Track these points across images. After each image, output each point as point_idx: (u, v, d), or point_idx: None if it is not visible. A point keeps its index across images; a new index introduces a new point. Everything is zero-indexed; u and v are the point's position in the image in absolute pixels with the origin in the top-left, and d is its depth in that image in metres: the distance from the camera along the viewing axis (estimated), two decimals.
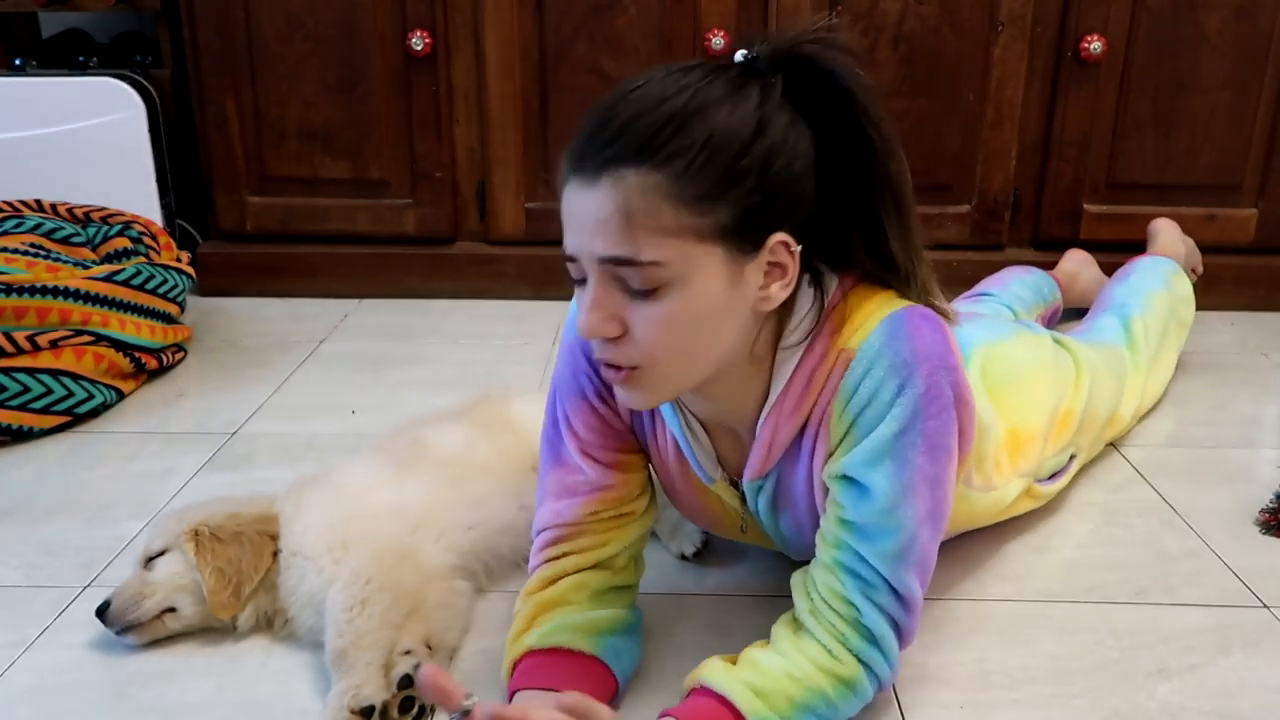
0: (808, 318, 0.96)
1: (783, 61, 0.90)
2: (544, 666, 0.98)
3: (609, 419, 1.06)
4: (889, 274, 0.97)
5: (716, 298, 0.89)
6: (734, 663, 0.96)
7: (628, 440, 1.08)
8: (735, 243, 0.88)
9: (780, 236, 0.89)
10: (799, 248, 0.91)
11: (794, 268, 0.91)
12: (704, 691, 0.93)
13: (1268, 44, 2.01)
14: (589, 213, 0.87)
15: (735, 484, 1.07)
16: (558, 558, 1.06)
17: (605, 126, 0.87)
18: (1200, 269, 1.97)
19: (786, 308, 0.95)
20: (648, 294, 0.88)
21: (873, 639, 0.95)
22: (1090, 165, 2.09)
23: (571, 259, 0.91)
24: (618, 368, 0.92)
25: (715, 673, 0.93)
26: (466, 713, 0.84)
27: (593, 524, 1.06)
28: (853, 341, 0.94)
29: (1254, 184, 2.10)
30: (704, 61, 0.91)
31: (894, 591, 0.95)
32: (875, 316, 0.95)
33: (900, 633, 0.96)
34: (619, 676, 1.01)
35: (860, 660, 0.95)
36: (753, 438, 1.01)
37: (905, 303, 0.96)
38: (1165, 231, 1.97)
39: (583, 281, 0.91)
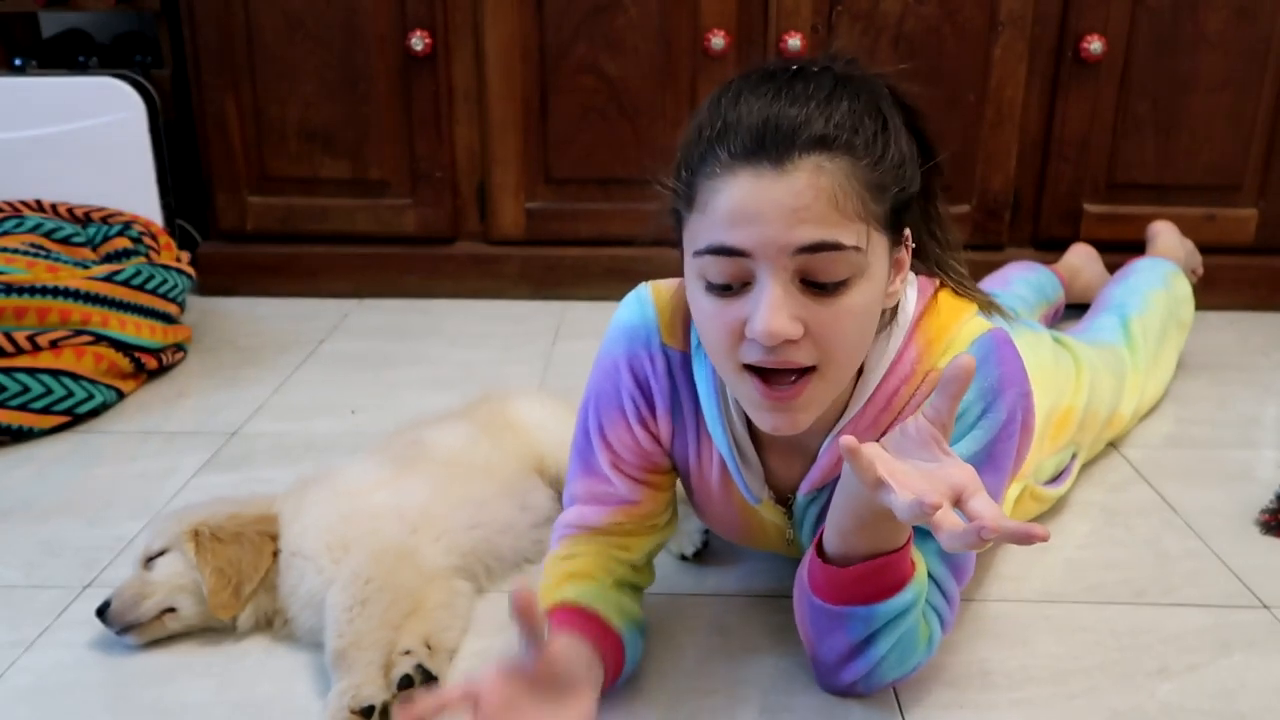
0: (903, 317, 0.97)
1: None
2: (576, 621, 0.98)
3: (645, 443, 1.05)
4: (954, 270, 1.00)
5: (881, 289, 0.89)
6: None
7: (661, 463, 1.08)
8: (892, 233, 0.89)
9: (907, 230, 0.92)
10: (913, 243, 0.94)
11: (908, 262, 0.93)
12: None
13: (1268, 44, 2.01)
14: (783, 200, 0.83)
15: (781, 500, 1.07)
16: (581, 539, 1.07)
17: (784, 114, 0.84)
18: (1200, 271, 1.97)
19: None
20: (833, 287, 0.85)
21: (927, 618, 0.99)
22: (1090, 165, 2.09)
23: (739, 254, 0.85)
24: (788, 379, 0.88)
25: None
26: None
27: (617, 530, 1.07)
28: (942, 363, 0.95)
29: (1254, 184, 2.10)
30: (821, 63, 0.90)
31: (940, 587, 0.99)
32: (964, 335, 0.96)
33: (943, 622, 1.00)
34: (626, 665, 1.02)
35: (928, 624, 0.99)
36: (817, 447, 1.01)
37: (988, 323, 0.98)
38: (1164, 234, 1.98)
39: (727, 288, 0.87)
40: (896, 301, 0.95)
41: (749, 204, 0.83)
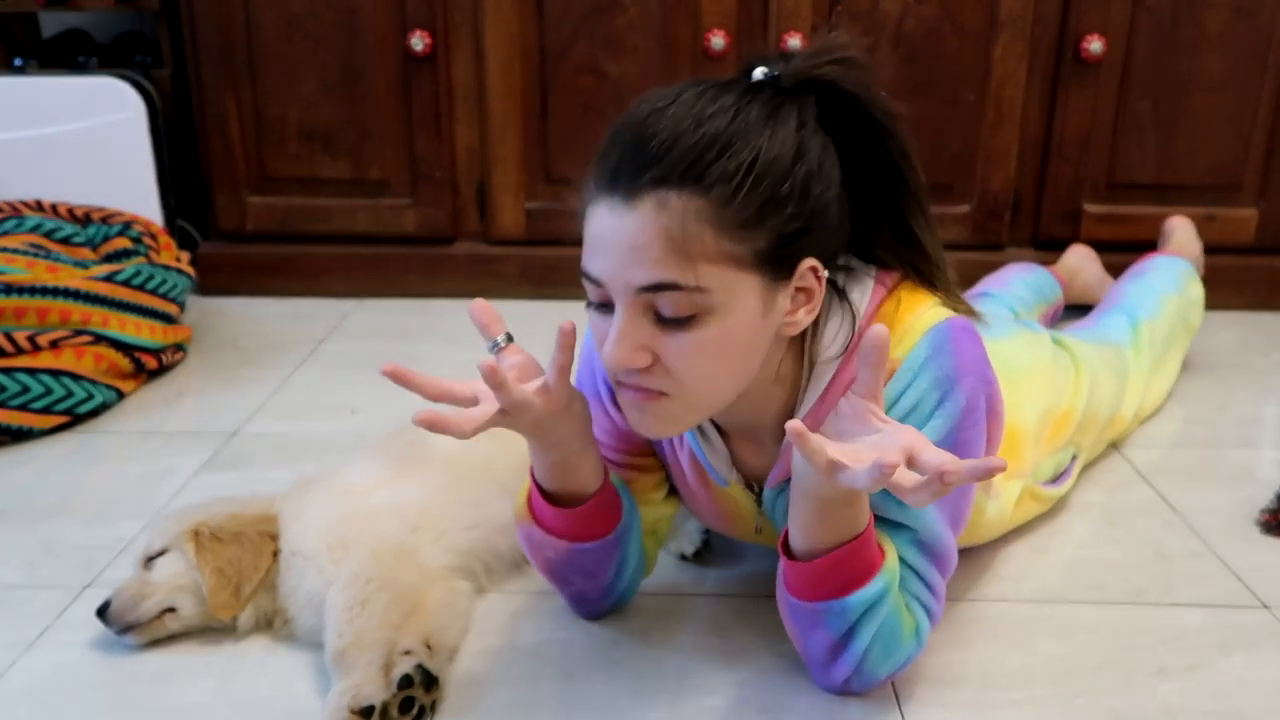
0: (842, 332, 0.96)
1: (808, 84, 0.90)
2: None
3: (620, 423, 1.07)
4: (928, 270, 0.98)
5: (749, 325, 0.88)
6: None
7: (642, 446, 1.10)
8: (770, 270, 0.87)
9: (810, 262, 0.90)
10: (825, 273, 0.91)
11: (820, 293, 0.92)
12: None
13: (1268, 44, 2.01)
14: (625, 236, 0.84)
15: (750, 486, 1.08)
16: None
17: (644, 145, 0.84)
18: (1201, 272, 1.96)
19: (813, 326, 0.96)
20: (682, 322, 0.86)
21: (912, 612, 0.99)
22: (1090, 165, 2.09)
23: (597, 283, 0.88)
24: (644, 391, 0.91)
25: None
26: (497, 348, 0.93)
27: None
28: (897, 352, 0.95)
29: (1254, 184, 2.10)
30: (733, 80, 0.90)
31: (920, 577, 0.98)
32: (918, 326, 0.95)
33: (929, 612, 0.99)
34: (622, 524, 1.04)
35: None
36: (776, 443, 1.01)
37: (946, 313, 0.97)
38: (1180, 230, 1.94)
39: (602, 306, 0.90)
40: (804, 328, 0.93)
41: (602, 236, 0.86)
